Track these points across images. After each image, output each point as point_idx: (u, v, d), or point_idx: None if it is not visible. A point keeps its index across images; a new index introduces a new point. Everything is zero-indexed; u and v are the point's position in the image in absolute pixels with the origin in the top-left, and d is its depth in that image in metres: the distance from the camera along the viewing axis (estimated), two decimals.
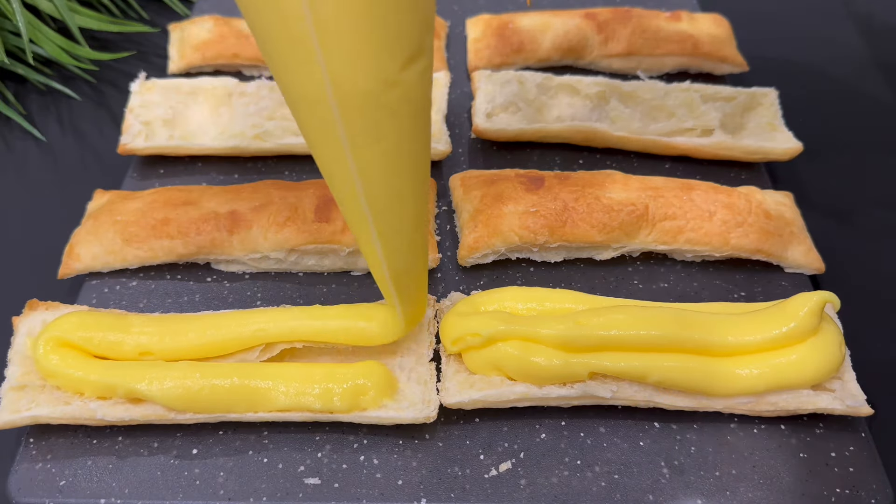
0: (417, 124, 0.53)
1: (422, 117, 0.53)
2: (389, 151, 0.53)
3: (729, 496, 0.64)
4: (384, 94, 0.49)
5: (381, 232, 0.57)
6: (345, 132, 0.50)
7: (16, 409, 0.65)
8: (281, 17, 0.46)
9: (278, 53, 0.49)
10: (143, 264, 0.80)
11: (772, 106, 0.93)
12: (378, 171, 0.53)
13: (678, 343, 0.65)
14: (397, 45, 0.48)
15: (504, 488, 0.65)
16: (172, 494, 0.64)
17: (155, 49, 1.13)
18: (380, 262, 0.60)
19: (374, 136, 0.51)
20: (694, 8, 1.16)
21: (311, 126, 0.52)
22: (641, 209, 0.79)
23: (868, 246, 0.88)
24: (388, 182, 0.54)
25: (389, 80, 0.49)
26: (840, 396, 0.66)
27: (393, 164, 0.53)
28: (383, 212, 0.56)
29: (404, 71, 0.49)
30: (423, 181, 0.57)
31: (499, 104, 0.93)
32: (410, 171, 0.55)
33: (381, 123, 0.51)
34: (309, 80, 0.48)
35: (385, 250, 0.59)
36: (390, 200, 0.56)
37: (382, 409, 0.65)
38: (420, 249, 0.62)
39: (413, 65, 0.49)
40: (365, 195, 0.54)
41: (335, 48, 0.46)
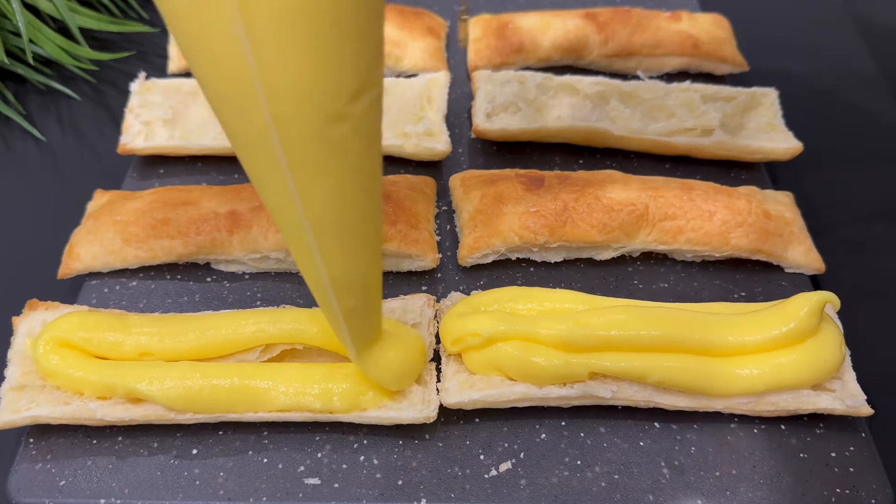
0: (369, 158, 0.51)
1: (373, 150, 0.51)
2: (338, 187, 0.50)
3: (729, 496, 0.64)
4: (329, 129, 0.47)
5: (330, 271, 0.54)
6: (288, 168, 0.48)
7: (16, 409, 0.65)
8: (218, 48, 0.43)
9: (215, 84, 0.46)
10: (143, 264, 0.80)
11: (772, 106, 0.93)
12: (324, 207, 0.50)
13: (678, 343, 0.65)
14: (343, 79, 0.46)
15: (504, 488, 0.65)
16: (172, 494, 0.64)
17: (155, 49, 1.13)
18: (329, 301, 0.57)
19: (321, 172, 0.49)
20: (694, 8, 1.16)
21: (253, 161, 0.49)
22: (641, 209, 0.79)
23: (868, 246, 0.88)
24: (335, 219, 0.52)
25: (336, 114, 0.46)
26: (840, 396, 0.66)
27: (342, 200, 0.51)
28: (332, 251, 0.53)
29: (352, 104, 0.47)
30: (374, 215, 0.55)
31: (499, 104, 0.93)
32: (362, 207, 0.53)
33: (328, 159, 0.48)
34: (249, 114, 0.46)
35: (335, 289, 0.55)
36: (339, 238, 0.53)
37: (382, 409, 0.65)
38: (373, 284, 0.59)
39: (361, 97, 0.47)
40: (312, 233, 0.51)
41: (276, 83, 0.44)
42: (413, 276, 0.81)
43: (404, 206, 0.81)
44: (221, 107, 0.47)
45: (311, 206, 0.50)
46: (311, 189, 0.49)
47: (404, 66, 1.03)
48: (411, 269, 0.81)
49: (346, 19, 0.44)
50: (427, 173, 0.90)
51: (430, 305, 0.73)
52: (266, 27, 0.41)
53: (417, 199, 0.83)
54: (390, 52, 1.02)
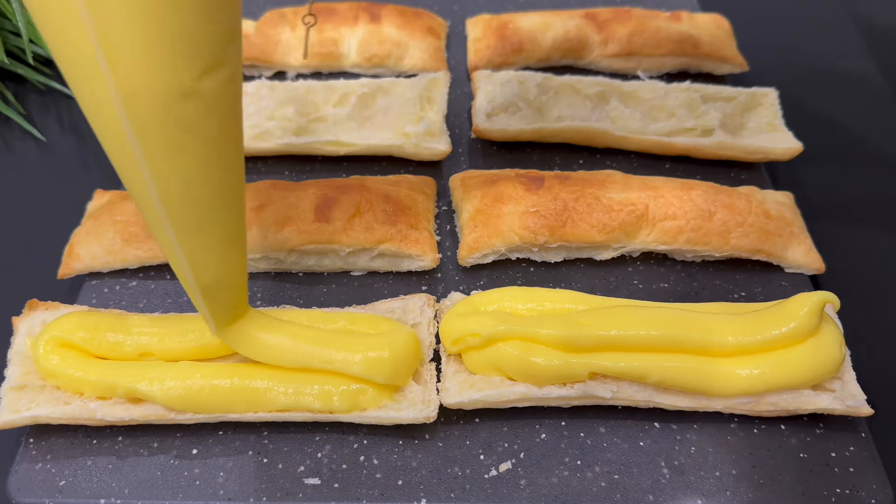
0: (224, 136, 0.51)
1: (229, 128, 0.51)
2: (190, 165, 0.50)
3: (729, 496, 0.64)
4: (178, 105, 0.47)
5: (185, 247, 0.54)
6: (138, 144, 0.48)
7: (16, 409, 0.65)
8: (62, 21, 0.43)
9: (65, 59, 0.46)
10: (143, 264, 0.80)
11: (772, 106, 0.93)
12: (178, 184, 0.50)
13: (678, 343, 0.65)
14: (190, 54, 0.46)
15: (504, 488, 0.65)
16: (172, 494, 0.64)
17: None
18: (186, 275, 0.57)
19: (172, 149, 0.49)
20: (694, 8, 1.16)
21: (105, 134, 0.49)
22: (641, 209, 0.79)
23: (868, 246, 0.88)
24: (189, 196, 0.51)
25: (184, 91, 0.46)
26: (840, 396, 0.66)
27: (194, 177, 0.51)
28: (186, 227, 0.53)
29: (201, 81, 0.47)
30: (234, 194, 0.55)
31: (499, 104, 0.93)
32: (218, 185, 0.52)
33: (178, 135, 0.48)
34: (95, 87, 0.45)
35: (191, 265, 0.55)
36: (193, 215, 0.52)
37: (382, 409, 0.65)
38: (234, 262, 0.59)
39: (212, 74, 0.47)
40: (165, 210, 0.51)
41: (119, 55, 0.44)
42: (413, 276, 0.81)
43: (404, 206, 0.81)
44: (71, 78, 0.47)
45: (163, 182, 0.50)
46: (162, 165, 0.49)
47: (404, 66, 1.03)
48: (411, 269, 0.81)
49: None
50: (427, 173, 0.90)
51: (430, 305, 0.73)
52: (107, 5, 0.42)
53: (417, 199, 0.83)
54: (390, 51, 1.02)
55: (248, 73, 1.05)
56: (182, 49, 0.45)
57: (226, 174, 0.53)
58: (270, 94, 0.92)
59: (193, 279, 0.57)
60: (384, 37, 1.02)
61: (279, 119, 0.91)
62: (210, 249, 0.56)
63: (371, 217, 0.79)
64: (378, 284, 0.80)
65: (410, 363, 0.66)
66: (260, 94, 0.93)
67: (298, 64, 1.03)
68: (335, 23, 1.03)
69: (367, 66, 1.03)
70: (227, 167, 0.53)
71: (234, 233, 0.58)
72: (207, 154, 0.50)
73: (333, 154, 0.90)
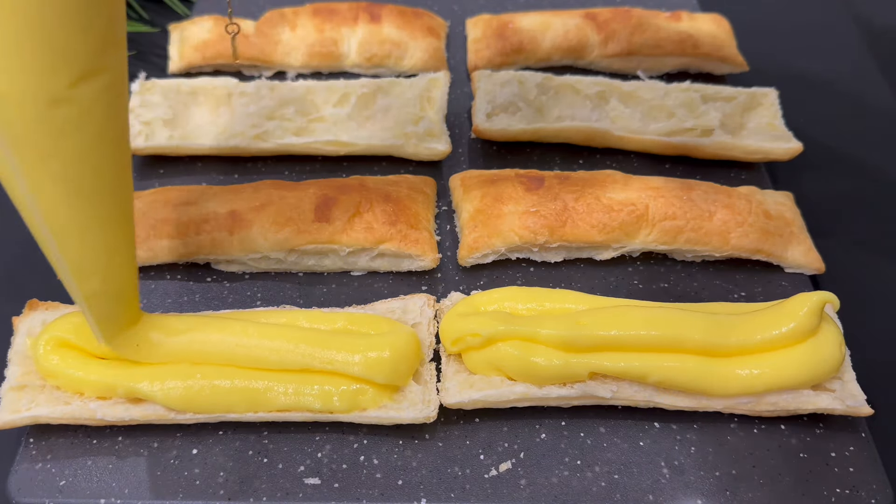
0: (102, 142, 0.50)
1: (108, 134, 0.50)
2: (67, 172, 0.49)
3: (729, 496, 0.64)
4: (51, 112, 0.46)
5: (67, 255, 0.53)
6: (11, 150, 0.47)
7: (16, 409, 0.65)
8: None
9: None
10: (143, 264, 0.80)
11: (772, 106, 0.93)
12: (55, 191, 0.50)
13: (678, 343, 0.65)
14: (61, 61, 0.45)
15: (504, 488, 0.65)
16: (172, 494, 0.64)
17: (155, 49, 1.13)
18: (69, 283, 0.56)
19: (47, 154, 0.48)
20: (694, 8, 1.16)
21: None
22: (641, 209, 0.79)
23: (868, 246, 0.88)
24: (67, 204, 0.51)
25: (56, 97, 0.46)
26: (840, 396, 0.66)
27: (72, 185, 0.50)
28: (67, 235, 0.52)
29: (75, 88, 0.46)
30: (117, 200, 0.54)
31: (499, 104, 0.93)
32: (98, 191, 0.52)
33: (52, 141, 0.48)
34: None
35: (74, 273, 0.55)
36: (74, 223, 0.52)
37: (382, 409, 0.65)
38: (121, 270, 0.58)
39: (87, 82, 0.47)
40: (43, 216, 0.51)
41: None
42: (413, 276, 0.81)
43: (404, 206, 0.81)
44: None
45: (38, 187, 0.49)
46: (36, 171, 0.49)
47: (404, 66, 1.03)
48: (411, 269, 0.81)
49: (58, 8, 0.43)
50: (427, 173, 0.90)
51: (430, 305, 0.73)
52: None
53: (417, 199, 0.83)
54: (390, 52, 1.02)
55: (248, 73, 1.05)
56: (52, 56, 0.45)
57: (107, 180, 0.53)
58: (270, 94, 0.92)
59: (77, 288, 0.56)
60: (384, 37, 1.02)
61: (279, 119, 0.91)
62: (93, 257, 0.55)
63: (371, 217, 0.79)
64: (378, 284, 0.80)
65: (411, 363, 0.66)
66: (260, 94, 0.93)
67: (298, 64, 1.03)
68: (335, 23, 1.03)
69: (367, 66, 1.03)
70: (108, 173, 0.52)
71: (120, 240, 0.57)
72: (84, 160, 0.50)
73: (333, 154, 0.90)
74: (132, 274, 0.61)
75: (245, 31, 1.03)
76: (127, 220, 0.57)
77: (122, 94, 0.51)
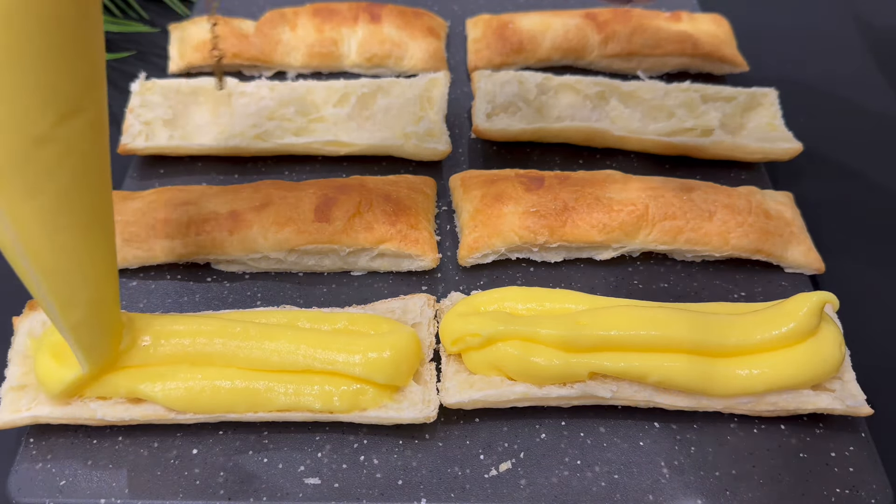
0: (85, 178, 0.51)
1: (92, 171, 0.51)
2: (50, 207, 0.50)
3: (729, 496, 0.64)
4: (34, 151, 0.47)
5: (50, 289, 0.54)
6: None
7: (16, 409, 0.65)
8: None
9: None
10: (143, 264, 0.80)
11: (772, 106, 0.93)
12: (37, 227, 0.50)
13: (678, 343, 0.65)
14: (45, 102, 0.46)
15: (504, 488, 0.65)
16: (172, 494, 0.64)
17: (155, 49, 1.13)
18: (53, 315, 0.56)
19: (29, 193, 0.48)
20: (694, 8, 1.16)
21: None
22: (641, 209, 0.79)
23: (868, 246, 0.88)
24: (51, 240, 0.51)
25: (39, 137, 0.46)
26: (840, 396, 0.66)
27: (56, 222, 0.51)
28: (50, 270, 0.53)
29: (59, 128, 0.47)
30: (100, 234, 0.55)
31: (499, 104, 0.93)
32: (82, 226, 0.52)
33: (35, 179, 0.48)
34: None
35: (59, 305, 0.55)
36: (57, 258, 0.52)
37: (382, 409, 0.65)
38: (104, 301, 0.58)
39: (70, 121, 0.47)
40: (26, 252, 0.51)
41: None
42: (413, 276, 0.81)
43: (404, 206, 0.81)
44: None
45: (21, 225, 0.50)
46: (20, 209, 0.49)
47: (404, 66, 1.03)
48: (411, 269, 0.81)
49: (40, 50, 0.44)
50: (427, 173, 0.90)
51: (430, 305, 0.73)
52: None
53: (417, 199, 0.83)
54: (390, 52, 1.02)
55: (248, 73, 1.05)
56: (37, 96, 0.45)
57: (90, 215, 0.53)
58: (270, 94, 0.92)
59: (61, 319, 0.56)
60: (384, 37, 1.02)
61: (279, 119, 0.91)
62: (77, 289, 0.55)
63: (371, 217, 0.79)
64: (378, 284, 0.80)
65: (411, 363, 0.66)
66: (260, 94, 0.93)
67: (298, 64, 1.03)
68: (335, 23, 1.03)
69: (367, 66, 1.03)
70: (90, 209, 0.53)
71: (104, 272, 0.57)
72: (68, 197, 0.51)
73: (333, 154, 0.90)
74: (115, 303, 0.61)
75: (245, 31, 1.04)
76: (110, 251, 0.57)
77: (104, 129, 0.52)
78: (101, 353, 0.62)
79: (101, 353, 0.62)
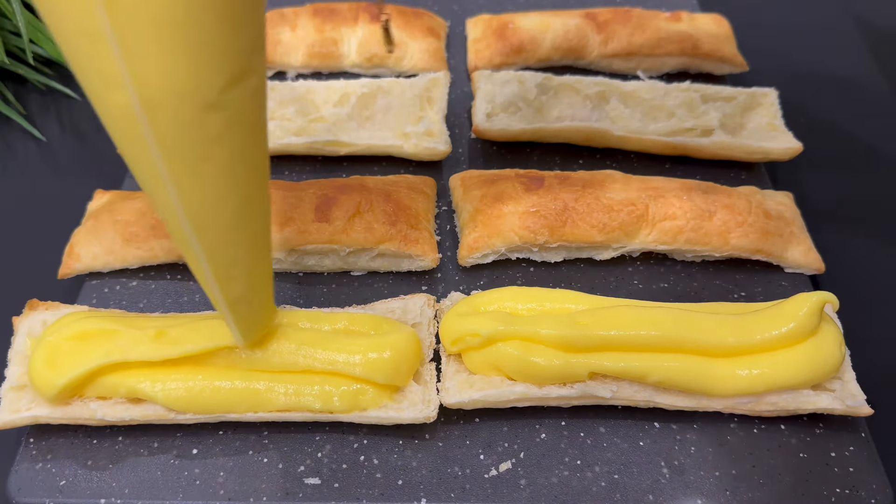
0: (249, 147, 0.50)
1: (254, 139, 0.50)
2: (216, 177, 0.49)
3: (729, 496, 0.64)
4: (203, 117, 0.45)
5: (212, 262, 0.53)
6: (161, 157, 0.46)
7: (16, 409, 0.65)
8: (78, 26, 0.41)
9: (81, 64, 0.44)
10: (143, 264, 0.80)
11: (772, 106, 0.93)
12: (202, 198, 0.49)
13: (678, 343, 0.65)
14: (217, 64, 0.44)
15: (504, 488, 0.65)
16: (172, 494, 0.64)
17: None
18: (213, 290, 0.56)
19: (197, 161, 0.47)
20: (694, 8, 1.16)
21: (125, 144, 0.47)
22: (641, 209, 0.79)
23: (868, 246, 0.88)
24: (215, 210, 0.50)
25: (209, 103, 0.45)
26: (840, 396, 0.66)
27: (220, 191, 0.50)
28: (213, 242, 0.52)
29: (227, 93, 0.45)
30: (260, 206, 0.54)
31: (499, 104, 0.93)
32: (243, 199, 0.51)
33: (202, 147, 0.47)
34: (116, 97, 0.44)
35: (218, 279, 0.55)
36: (220, 229, 0.52)
37: (382, 409, 0.65)
38: (261, 275, 0.58)
39: (238, 86, 0.46)
40: (190, 223, 0.50)
41: (142, 65, 0.42)
42: (413, 276, 0.81)
43: (404, 206, 0.81)
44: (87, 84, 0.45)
45: (187, 194, 0.49)
46: (186, 178, 0.48)
47: (404, 66, 1.03)
48: (411, 269, 0.81)
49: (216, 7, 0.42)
50: (427, 173, 0.90)
51: (430, 305, 0.73)
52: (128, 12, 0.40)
53: (417, 199, 0.83)
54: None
55: None
56: (208, 59, 0.44)
57: (252, 186, 0.52)
58: (270, 94, 0.92)
59: (221, 294, 0.56)
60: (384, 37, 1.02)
61: (279, 119, 0.91)
62: (237, 263, 0.55)
63: (371, 217, 0.79)
64: (378, 284, 0.80)
65: (411, 363, 0.66)
66: None
67: (298, 64, 1.03)
68: (335, 23, 1.03)
69: (367, 66, 1.03)
70: (253, 178, 0.52)
71: (261, 245, 0.57)
72: (233, 166, 0.49)
73: (333, 154, 0.90)
74: (270, 276, 0.61)
75: None
76: (266, 224, 0.56)
77: (265, 96, 0.50)
78: (256, 328, 0.62)
79: (257, 328, 0.62)
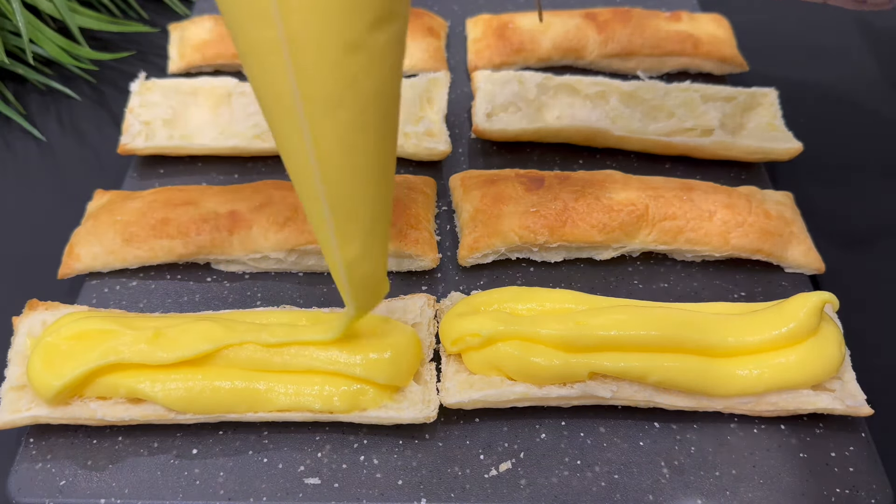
0: (383, 94, 0.49)
1: (391, 87, 0.49)
2: (349, 123, 0.48)
3: (729, 496, 0.64)
4: (346, 58, 0.45)
5: (335, 211, 0.52)
6: (300, 97, 0.46)
7: (16, 409, 0.65)
8: None
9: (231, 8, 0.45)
10: (143, 264, 0.80)
11: (772, 106, 0.93)
12: (335, 143, 0.48)
13: (678, 343, 0.65)
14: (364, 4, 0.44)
15: (504, 488, 0.65)
16: (172, 494, 0.64)
17: (155, 49, 1.13)
18: (331, 249, 0.55)
19: (333, 103, 0.47)
20: (694, 8, 1.16)
21: (264, 83, 0.47)
22: (641, 209, 0.79)
23: (868, 246, 0.88)
24: (345, 157, 0.50)
25: (354, 42, 0.45)
26: (840, 396, 0.66)
27: (352, 137, 0.49)
28: (339, 191, 0.51)
29: (372, 34, 0.45)
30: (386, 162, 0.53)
31: (499, 104, 0.93)
32: (373, 150, 0.50)
33: (340, 90, 0.46)
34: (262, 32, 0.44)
35: (338, 233, 0.53)
36: (347, 180, 0.51)
37: (382, 409, 0.65)
38: (378, 238, 0.56)
39: (382, 28, 0.45)
40: (320, 169, 0.49)
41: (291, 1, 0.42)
42: (413, 276, 0.81)
43: (404, 206, 0.81)
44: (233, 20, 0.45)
45: (319, 138, 0.48)
46: (321, 120, 0.47)
47: (404, 65, 1.02)
48: (411, 269, 0.81)
49: None
50: (427, 173, 0.90)
51: (430, 305, 0.73)
52: None
53: (417, 199, 0.83)
54: None
55: None
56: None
57: (382, 135, 0.51)
58: None
59: (339, 253, 0.54)
60: None
61: None
62: (358, 219, 0.53)
63: None
64: None
65: (411, 363, 0.66)
66: None
67: None
68: None
69: None
70: (383, 130, 0.51)
71: (382, 201, 0.55)
72: (366, 112, 0.48)
73: None
74: (386, 243, 0.58)
75: None
76: (389, 184, 0.55)
77: (404, 45, 0.49)
78: (370, 297, 0.60)
79: (371, 297, 0.60)
